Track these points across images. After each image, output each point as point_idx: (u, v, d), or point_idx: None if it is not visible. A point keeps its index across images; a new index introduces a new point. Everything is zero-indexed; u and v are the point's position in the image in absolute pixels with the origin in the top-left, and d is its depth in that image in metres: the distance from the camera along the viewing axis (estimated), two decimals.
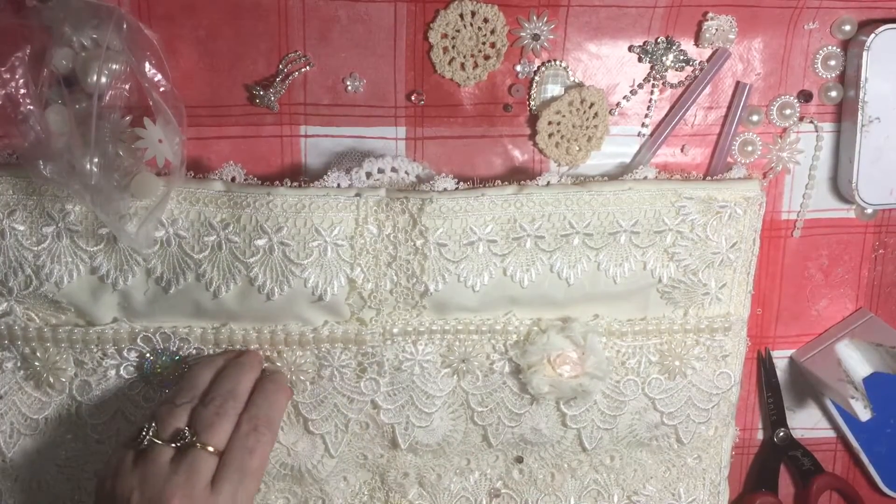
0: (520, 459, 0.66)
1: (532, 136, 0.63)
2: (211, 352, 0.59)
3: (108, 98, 0.54)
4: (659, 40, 0.62)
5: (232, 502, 0.51)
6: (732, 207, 0.61)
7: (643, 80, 0.63)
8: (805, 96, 0.64)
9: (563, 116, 0.61)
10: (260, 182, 0.58)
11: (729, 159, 0.65)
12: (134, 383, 0.59)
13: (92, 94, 0.53)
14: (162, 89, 0.54)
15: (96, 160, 0.52)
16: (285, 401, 0.59)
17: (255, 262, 0.56)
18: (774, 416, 0.70)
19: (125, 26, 0.53)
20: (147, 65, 0.54)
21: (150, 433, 0.52)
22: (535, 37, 0.60)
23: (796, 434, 0.71)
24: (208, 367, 0.57)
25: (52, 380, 0.59)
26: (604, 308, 0.62)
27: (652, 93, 0.63)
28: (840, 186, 0.66)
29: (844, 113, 0.65)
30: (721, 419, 0.66)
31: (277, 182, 0.58)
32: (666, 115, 0.64)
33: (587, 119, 0.61)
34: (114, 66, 0.54)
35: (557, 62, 0.61)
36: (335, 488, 0.64)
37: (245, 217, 0.56)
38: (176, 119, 0.54)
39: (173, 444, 0.52)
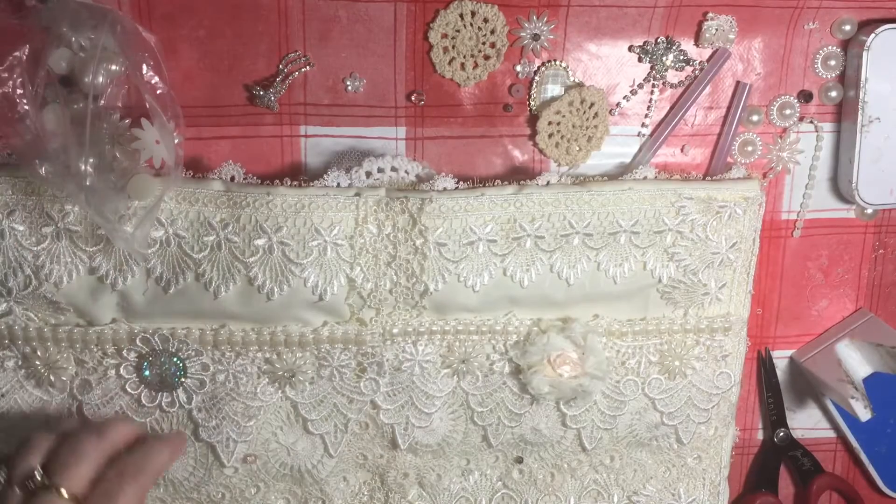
0: (520, 459, 0.66)
1: (532, 136, 0.63)
2: (210, 354, 0.59)
3: (106, 99, 0.54)
4: (659, 40, 0.62)
5: None
6: (732, 207, 0.61)
7: (643, 80, 0.63)
8: (805, 96, 0.64)
9: (563, 116, 0.61)
10: (259, 181, 0.58)
11: (729, 159, 0.65)
12: (134, 383, 0.59)
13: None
14: (159, 91, 0.54)
15: (91, 161, 0.52)
16: (168, 455, 0.53)
17: (255, 262, 0.56)
18: (774, 416, 0.70)
19: (119, 28, 0.53)
20: (144, 67, 0.54)
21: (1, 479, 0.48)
22: (535, 37, 0.60)
23: (796, 434, 0.71)
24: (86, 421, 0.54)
25: (53, 379, 0.59)
26: (604, 308, 0.62)
27: (652, 93, 0.63)
28: (840, 186, 0.66)
29: (844, 113, 0.65)
30: (721, 419, 0.66)
31: (277, 181, 0.58)
32: (666, 115, 0.64)
33: (587, 119, 0.61)
34: (112, 67, 0.54)
35: (557, 62, 0.61)
36: (335, 489, 0.64)
37: (244, 217, 0.56)
38: (173, 121, 0.54)
39: (22, 488, 0.47)
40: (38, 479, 0.47)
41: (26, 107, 0.51)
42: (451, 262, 0.58)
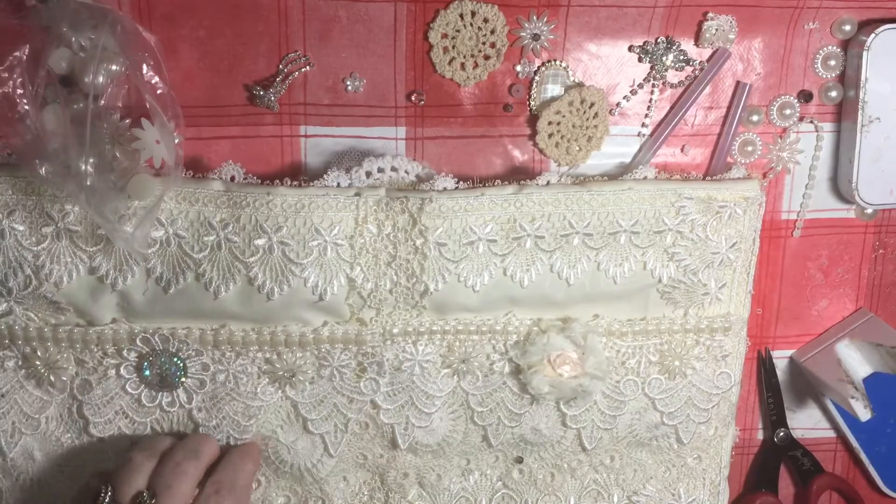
0: (520, 459, 0.66)
1: (532, 136, 0.63)
2: (210, 353, 0.59)
3: (106, 99, 0.54)
4: (659, 40, 0.62)
5: None
6: (732, 207, 0.61)
7: (643, 80, 0.63)
8: (805, 96, 0.64)
9: (563, 116, 0.61)
10: (259, 181, 0.58)
11: (729, 159, 0.65)
12: (134, 383, 0.59)
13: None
14: (159, 91, 0.54)
15: (91, 161, 0.52)
16: (253, 468, 0.58)
17: (255, 262, 0.56)
18: (774, 416, 0.70)
19: (119, 28, 0.53)
20: (144, 67, 0.54)
21: (108, 498, 0.52)
22: (535, 37, 0.60)
23: (796, 434, 0.71)
24: (171, 436, 0.58)
25: (53, 378, 0.59)
26: (604, 308, 0.62)
27: (652, 93, 0.63)
28: (840, 186, 0.66)
29: (844, 113, 0.65)
30: (721, 419, 0.66)
31: (277, 181, 0.58)
32: (666, 115, 0.64)
33: (587, 119, 0.61)
34: (112, 68, 0.54)
35: (557, 62, 0.61)
36: (335, 488, 0.64)
37: (245, 217, 0.56)
38: (173, 121, 0.54)
39: None
40: (146, 499, 0.51)
41: (26, 107, 0.51)
42: (451, 261, 0.58)
